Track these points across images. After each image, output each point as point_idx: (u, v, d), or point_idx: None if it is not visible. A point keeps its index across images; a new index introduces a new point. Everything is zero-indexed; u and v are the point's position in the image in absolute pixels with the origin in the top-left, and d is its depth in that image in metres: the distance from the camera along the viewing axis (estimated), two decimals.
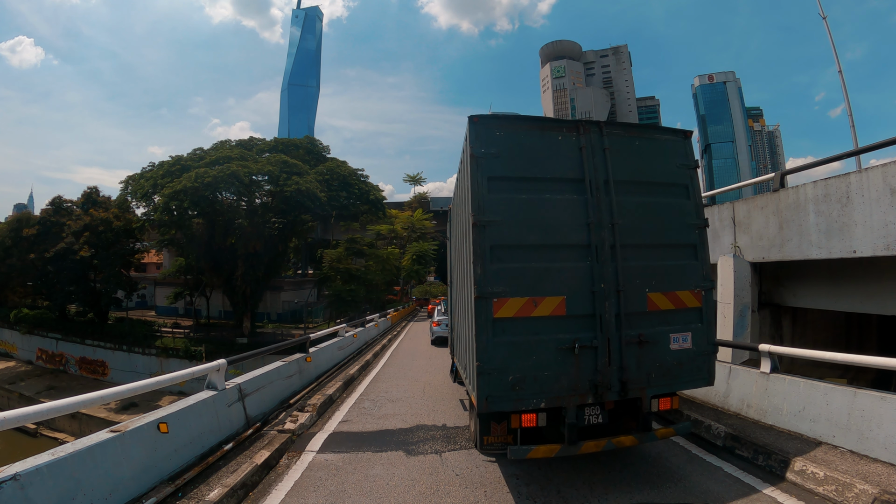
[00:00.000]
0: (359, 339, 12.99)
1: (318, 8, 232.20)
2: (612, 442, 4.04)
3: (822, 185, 7.28)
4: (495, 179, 4.00)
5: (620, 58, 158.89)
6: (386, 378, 9.19)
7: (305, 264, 51.47)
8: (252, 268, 29.37)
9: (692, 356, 4.23)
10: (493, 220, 3.93)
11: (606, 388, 3.98)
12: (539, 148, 4.14)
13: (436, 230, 40.40)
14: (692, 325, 4.27)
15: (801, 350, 5.58)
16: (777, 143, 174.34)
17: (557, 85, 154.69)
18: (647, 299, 4.14)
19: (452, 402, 7.21)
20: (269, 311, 46.06)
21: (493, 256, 3.91)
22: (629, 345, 4.04)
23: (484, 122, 4.11)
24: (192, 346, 34.32)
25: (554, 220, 4.06)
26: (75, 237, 39.95)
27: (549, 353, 3.90)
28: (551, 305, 3.92)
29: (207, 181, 23.60)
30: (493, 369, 3.80)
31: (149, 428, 3.95)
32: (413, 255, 36.98)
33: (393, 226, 38.37)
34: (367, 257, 35.30)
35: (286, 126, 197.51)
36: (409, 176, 56.34)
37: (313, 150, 33.19)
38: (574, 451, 3.95)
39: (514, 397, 3.83)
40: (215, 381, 4.91)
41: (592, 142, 4.23)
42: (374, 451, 4.94)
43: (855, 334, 11.63)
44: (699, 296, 4.31)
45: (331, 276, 34.78)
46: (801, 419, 5.15)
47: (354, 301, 32.85)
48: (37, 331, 41.94)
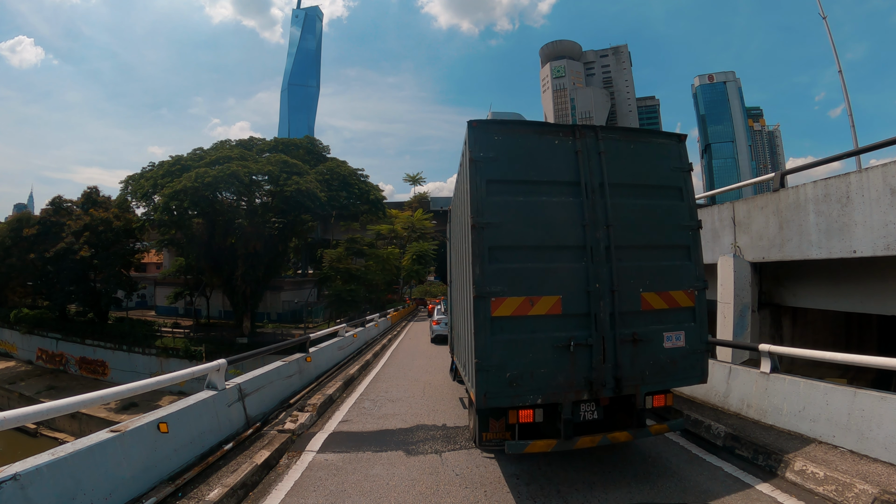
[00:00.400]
0: (359, 338, 13.00)
1: (317, 8, 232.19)
2: (608, 437, 4.14)
3: (822, 185, 7.28)
4: (493, 182, 4.09)
5: (620, 58, 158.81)
6: (386, 378, 9.19)
7: (306, 264, 51.51)
8: (252, 268, 29.35)
9: (685, 354, 4.33)
10: (491, 221, 4.01)
11: (601, 385, 4.07)
12: (536, 152, 4.24)
13: (436, 230, 40.44)
14: (685, 325, 4.37)
15: (801, 350, 5.58)
16: (777, 143, 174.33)
17: (557, 85, 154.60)
18: (641, 299, 4.24)
19: (452, 401, 7.21)
20: (269, 311, 46.04)
21: (491, 257, 3.99)
22: (623, 343, 4.13)
23: (482, 127, 4.20)
24: (192, 346, 34.33)
25: (550, 222, 4.15)
26: (75, 237, 39.94)
27: (546, 350, 3.98)
28: (548, 304, 4.00)
29: (207, 181, 23.58)
30: (492, 366, 3.88)
31: (149, 428, 3.96)
32: (413, 255, 36.94)
33: (393, 226, 38.35)
34: (367, 257, 35.27)
35: (286, 126, 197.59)
36: (409, 176, 56.32)
37: (313, 150, 33.18)
38: (570, 445, 4.03)
39: (511, 394, 3.92)
40: (215, 381, 4.91)
41: (588, 146, 4.33)
42: (374, 451, 4.94)
43: (855, 334, 11.64)
44: (692, 296, 4.41)
45: (331, 275, 34.77)
46: (801, 419, 5.16)
47: (354, 301, 32.83)
48: (37, 331, 41.96)
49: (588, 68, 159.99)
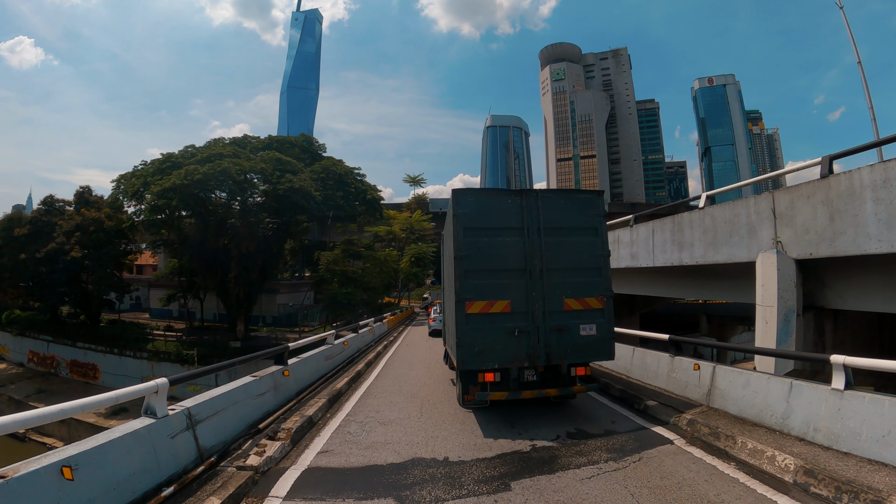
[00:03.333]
0: (350, 346, 11.90)
1: (317, 10, 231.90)
2: (542, 392, 6.12)
3: (880, 169, 6.29)
4: (468, 229, 6.08)
5: (620, 60, 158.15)
6: (378, 393, 8.09)
7: (302, 267, 50.35)
8: (245, 269, 28.21)
9: (597, 340, 6.19)
10: (466, 255, 6.04)
11: (536, 357, 6.01)
12: (496, 208, 6.20)
13: (434, 232, 39.33)
14: (597, 320, 6.22)
15: (882, 361, 4.56)
16: (776, 146, 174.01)
17: (557, 88, 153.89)
18: (564, 303, 6.13)
19: (456, 423, 6.15)
20: (264, 315, 44.97)
21: (466, 276, 5.99)
22: (551, 331, 6.06)
23: (462, 193, 6.28)
24: (184, 350, 33.21)
25: (504, 254, 6.09)
26: (66, 237, 39.02)
27: (500, 335, 5.93)
28: (501, 306, 5.97)
29: (197, 178, 22.41)
30: (466, 343, 5.89)
31: (47, 473, 2.91)
32: (411, 258, 35.52)
33: (391, 227, 37.00)
34: (364, 259, 33.97)
35: (285, 129, 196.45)
36: (410, 177, 55.00)
37: (309, 149, 32.00)
38: (517, 396, 6.04)
39: (478, 361, 5.90)
40: (154, 405, 3.85)
41: (530, 203, 6.22)
42: (356, 500, 3.85)
43: (888, 337, 10.66)
44: (602, 301, 6.27)
45: (327, 278, 33.61)
46: (886, 446, 4.16)
47: (350, 304, 31.60)
48: (28, 332, 41.04)
49: (588, 71, 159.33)
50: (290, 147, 30.65)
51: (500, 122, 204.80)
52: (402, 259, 35.62)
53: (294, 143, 31.96)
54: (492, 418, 6.27)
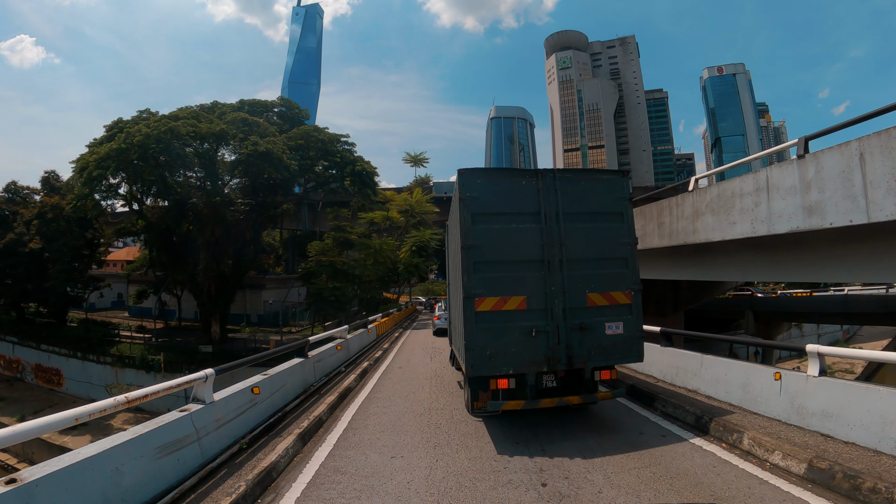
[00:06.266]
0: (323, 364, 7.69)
1: (318, 5, 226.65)
2: (563, 400, 5.55)
3: None
4: (477, 215, 5.53)
5: (628, 49, 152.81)
6: (358, 443, 3.70)
7: (293, 259, 45.90)
8: (215, 260, 23.80)
9: (624, 339, 5.64)
10: (475, 244, 5.50)
11: (556, 361, 5.47)
12: (508, 191, 5.66)
13: (439, 217, 34.70)
14: (624, 317, 5.65)
15: None
16: (783, 139, 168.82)
17: (563, 76, 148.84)
18: (587, 298, 5.57)
19: None
20: (248, 313, 40.83)
21: (475, 269, 5.47)
22: (573, 330, 5.52)
23: (468, 174, 5.67)
24: (150, 355, 28.98)
25: (518, 243, 5.57)
26: (26, 227, 35.02)
27: (515, 335, 5.42)
28: (516, 302, 5.45)
29: (137, 140, 17.81)
30: (476, 346, 5.36)
31: None
32: (412, 246, 30.52)
33: (388, 212, 31.84)
34: (358, 248, 29.18)
35: None
36: (410, 156, 47.76)
37: (288, 115, 26.98)
38: (535, 405, 5.48)
39: (490, 366, 5.37)
40: None
41: (547, 185, 5.68)
42: None
43: None
44: (629, 295, 5.68)
45: (315, 271, 29.12)
46: None
47: (339, 302, 26.96)
48: None
49: (595, 59, 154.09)
50: (264, 110, 25.82)
51: (505, 113, 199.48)
52: (401, 248, 30.90)
53: (269, 106, 26.97)
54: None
